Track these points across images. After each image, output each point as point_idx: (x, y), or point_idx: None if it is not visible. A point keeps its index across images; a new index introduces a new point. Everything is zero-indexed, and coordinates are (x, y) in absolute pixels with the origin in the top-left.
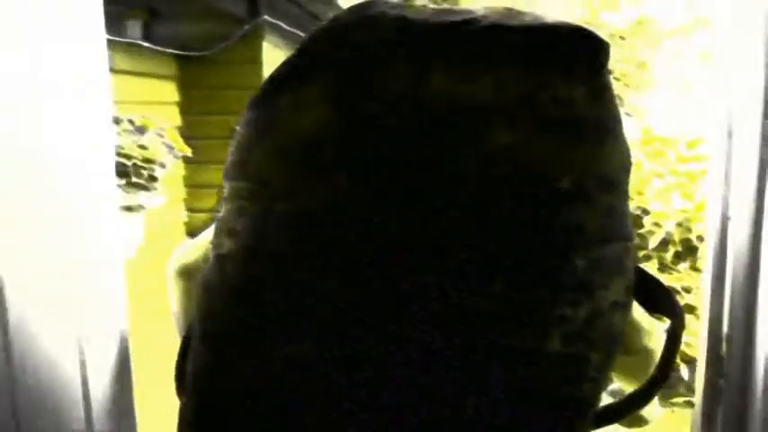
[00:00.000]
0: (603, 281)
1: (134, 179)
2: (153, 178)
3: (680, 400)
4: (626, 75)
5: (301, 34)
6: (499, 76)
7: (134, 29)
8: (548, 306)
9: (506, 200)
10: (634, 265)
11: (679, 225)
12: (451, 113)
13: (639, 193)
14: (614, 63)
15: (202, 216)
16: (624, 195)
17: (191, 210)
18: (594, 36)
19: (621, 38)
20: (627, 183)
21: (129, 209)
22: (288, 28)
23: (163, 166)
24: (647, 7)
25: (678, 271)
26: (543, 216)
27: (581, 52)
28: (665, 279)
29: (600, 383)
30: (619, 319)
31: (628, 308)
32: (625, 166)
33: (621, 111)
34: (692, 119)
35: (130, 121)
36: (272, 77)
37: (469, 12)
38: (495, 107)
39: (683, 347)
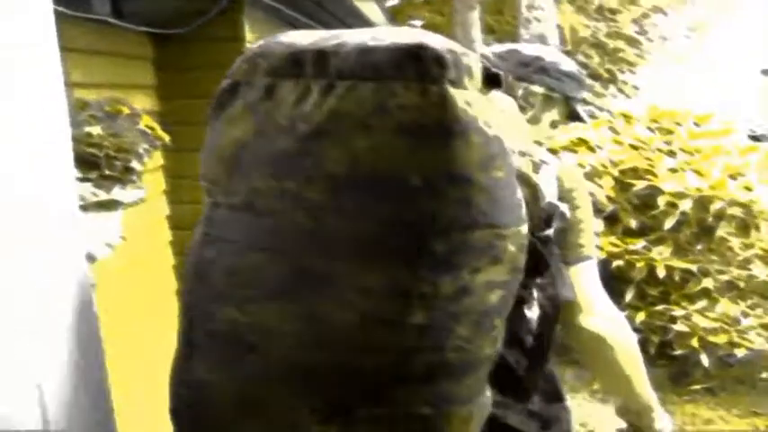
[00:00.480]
0: (471, 263)
1: (107, 172)
2: (129, 170)
3: (698, 387)
4: (617, 50)
5: (284, 9)
6: (358, 91)
7: (102, 4)
8: (408, 284)
9: (370, 195)
10: (526, 250)
11: (695, 204)
12: (326, 123)
13: (649, 172)
14: (604, 39)
15: (187, 208)
16: (484, 189)
17: (174, 202)
18: (432, 50)
19: (611, 12)
20: (490, 177)
21: (101, 205)
22: (269, 2)
23: (140, 156)
24: None
25: (694, 253)
26: (399, 208)
27: (420, 65)
28: (682, 262)
29: (470, 353)
30: (496, 296)
31: (511, 287)
32: (482, 163)
33: (613, 88)
34: (688, 92)
35: (100, 107)
36: (216, 96)
37: (346, 35)
38: (356, 117)
39: (702, 333)
